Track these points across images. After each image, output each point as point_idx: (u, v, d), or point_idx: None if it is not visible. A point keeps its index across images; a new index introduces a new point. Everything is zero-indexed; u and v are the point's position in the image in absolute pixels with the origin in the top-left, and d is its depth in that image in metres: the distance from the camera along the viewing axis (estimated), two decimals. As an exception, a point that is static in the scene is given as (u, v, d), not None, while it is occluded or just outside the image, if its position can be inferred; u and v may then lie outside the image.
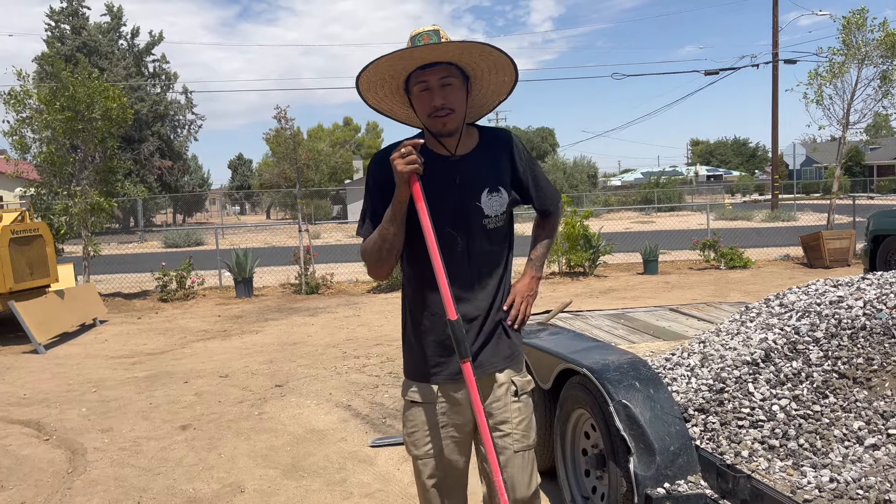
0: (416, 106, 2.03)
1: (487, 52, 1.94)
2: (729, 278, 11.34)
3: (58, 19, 37.77)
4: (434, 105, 1.95)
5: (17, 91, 11.61)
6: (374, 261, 2.04)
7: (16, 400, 5.79)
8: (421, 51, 1.89)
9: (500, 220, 2.09)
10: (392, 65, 1.93)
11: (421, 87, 1.97)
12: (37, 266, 8.84)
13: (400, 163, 1.89)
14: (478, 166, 2.07)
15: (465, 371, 1.94)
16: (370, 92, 2.05)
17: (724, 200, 35.02)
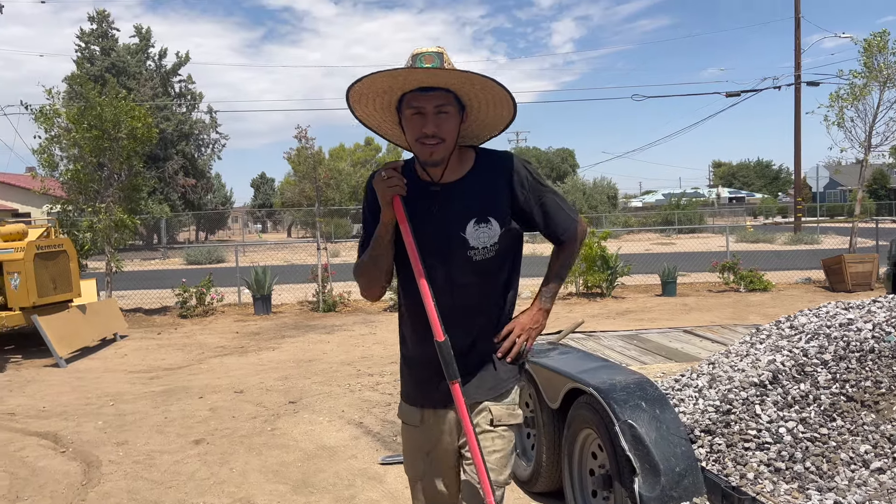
0: (406, 128, 1.94)
1: (489, 85, 1.85)
2: (748, 301, 11.23)
3: (88, 40, 38.62)
4: (424, 131, 1.87)
5: (47, 109, 11.90)
6: (364, 282, 2.03)
7: (35, 412, 5.88)
8: (422, 73, 1.82)
9: (491, 251, 1.96)
10: (389, 82, 1.86)
11: (414, 111, 1.89)
12: (60, 281, 9.00)
13: (381, 186, 1.87)
14: (466, 195, 1.96)
15: (454, 392, 1.88)
16: (360, 104, 1.96)
17: (745, 223, 34.71)
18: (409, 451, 2.13)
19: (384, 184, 1.87)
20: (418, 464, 2.10)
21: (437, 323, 1.88)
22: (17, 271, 8.35)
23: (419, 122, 1.88)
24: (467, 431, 1.89)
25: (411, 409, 2.09)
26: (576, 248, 2.15)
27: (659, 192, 70.13)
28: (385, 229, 1.92)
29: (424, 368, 2.02)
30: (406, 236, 1.90)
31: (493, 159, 2.02)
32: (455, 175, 1.97)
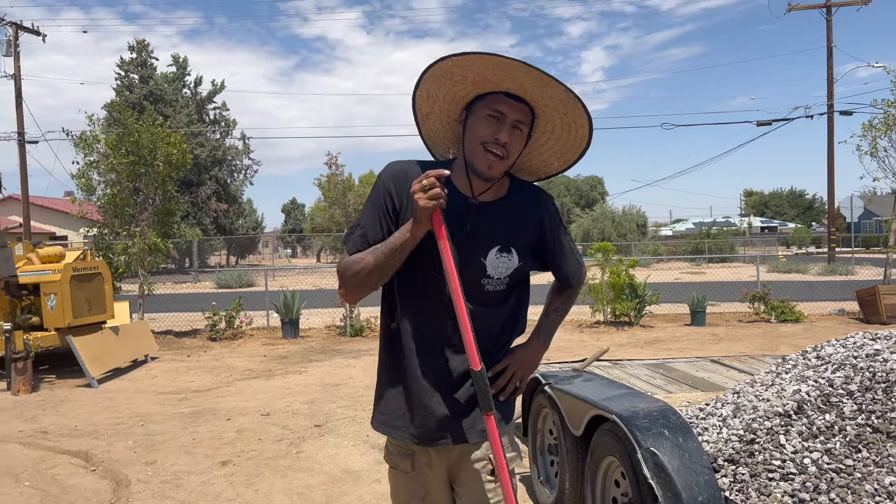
0: (471, 127, 1.77)
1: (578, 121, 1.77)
2: (779, 332, 11.06)
3: (127, 69, 39.80)
4: (497, 137, 1.72)
5: (88, 136, 12.28)
6: (357, 284, 1.79)
7: (67, 431, 6.00)
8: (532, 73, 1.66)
9: (503, 283, 1.86)
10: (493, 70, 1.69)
11: (490, 113, 1.74)
12: (95, 303, 9.20)
13: (422, 197, 1.64)
14: (496, 219, 1.84)
15: (489, 424, 1.74)
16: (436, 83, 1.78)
17: (777, 252, 34.21)
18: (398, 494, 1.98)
19: (426, 194, 1.64)
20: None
21: (475, 350, 1.72)
22: (53, 292, 8.57)
23: (493, 126, 1.73)
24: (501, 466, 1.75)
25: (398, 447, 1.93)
26: (576, 295, 2.12)
27: (689, 221, 69.58)
28: (413, 243, 1.73)
29: (421, 398, 1.84)
30: (446, 256, 1.70)
31: (528, 191, 1.92)
32: (491, 196, 1.84)
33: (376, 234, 1.81)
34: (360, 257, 1.78)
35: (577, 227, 44.29)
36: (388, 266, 1.76)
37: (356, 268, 1.78)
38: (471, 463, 1.88)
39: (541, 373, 4.04)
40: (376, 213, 1.83)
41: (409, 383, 1.85)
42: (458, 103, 1.83)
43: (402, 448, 1.93)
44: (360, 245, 1.81)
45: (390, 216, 1.82)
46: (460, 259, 1.77)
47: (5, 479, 4.70)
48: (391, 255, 1.74)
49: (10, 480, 4.68)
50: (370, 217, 1.83)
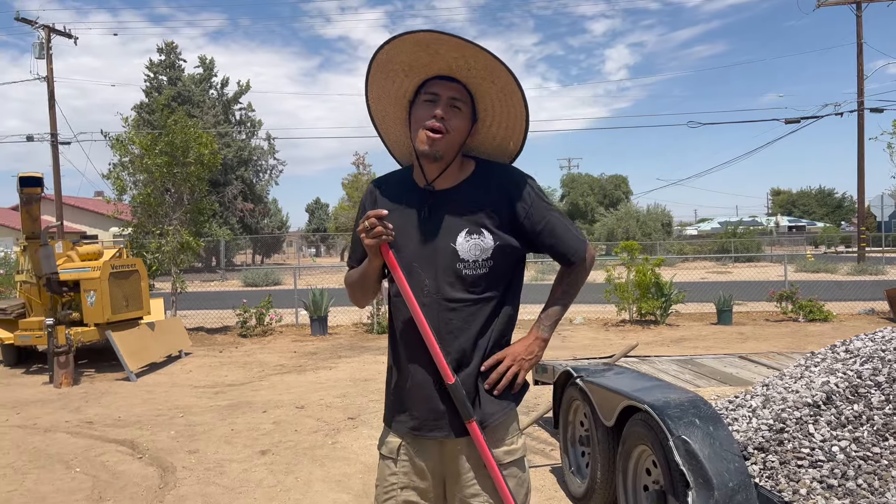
0: (414, 117, 1.86)
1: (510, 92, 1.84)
2: (807, 331, 11.02)
3: (156, 71, 40.45)
4: (434, 114, 1.80)
5: (123, 137, 12.60)
6: (353, 295, 2.06)
7: (111, 422, 6.23)
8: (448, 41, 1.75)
9: (483, 266, 1.83)
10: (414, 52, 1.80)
11: (426, 98, 1.84)
12: (132, 299, 9.47)
13: (365, 238, 1.78)
14: (459, 203, 1.86)
15: (473, 431, 1.81)
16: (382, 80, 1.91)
17: (805, 252, 33.85)
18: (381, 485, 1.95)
19: (368, 235, 1.77)
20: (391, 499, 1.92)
21: (446, 365, 1.80)
22: (93, 289, 8.84)
23: (430, 108, 1.81)
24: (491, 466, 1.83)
25: (390, 438, 1.95)
26: (585, 272, 1.99)
27: (715, 220, 68.94)
28: (374, 271, 1.90)
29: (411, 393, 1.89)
30: (402, 283, 1.82)
31: (492, 169, 1.93)
32: (451, 182, 1.88)
33: (359, 251, 1.98)
34: (350, 273, 2.04)
35: (602, 226, 44.12)
36: (363, 286, 1.98)
37: (347, 282, 2.05)
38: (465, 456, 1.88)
39: (571, 366, 4.16)
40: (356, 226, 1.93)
41: (411, 378, 1.88)
42: (402, 103, 1.93)
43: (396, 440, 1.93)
44: (351, 261, 2.06)
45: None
46: (432, 247, 1.83)
47: (57, 466, 4.92)
48: (361, 279, 1.96)
49: (62, 467, 4.90)
50: (354, 235, 1.95)
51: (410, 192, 1.90)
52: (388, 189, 1.96)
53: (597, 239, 42.65)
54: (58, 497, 4.30)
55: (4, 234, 26.69)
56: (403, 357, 1.90)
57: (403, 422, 1.91)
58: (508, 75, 1.79)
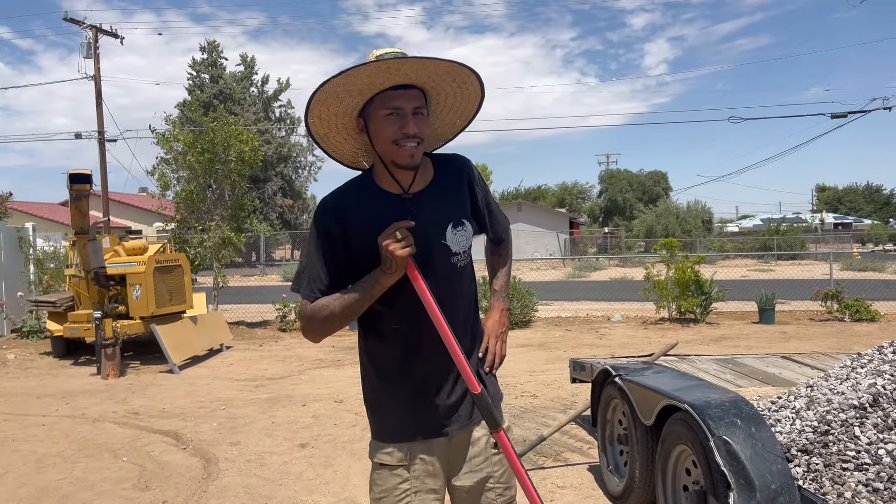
0: (376, 132, 1.80)
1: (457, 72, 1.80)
2: (853, 331, 10.76)
3: (199, 69, 41.18)
4: (406, 132, 1.76)
5: (168, 134, 12.88)
6: (324, 330, 1.86)
7: (156, 413, 6.39)
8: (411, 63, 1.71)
9: (467, 256, 1.93)
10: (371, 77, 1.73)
11: (388, 112, 1.77)
12: (176, 293, 9.68)
13: (396, 247, 1.71)
14: (438, 201, 1.88)
15: (501, 439, 1.85)
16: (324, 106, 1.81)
17: (852, 250, 32.99)
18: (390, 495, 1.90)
19: (400, 244, 1.71)
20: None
21: (472, 374, 1.81)
22: (138, 283, 9.07)
23: (397, 123, 1.77)
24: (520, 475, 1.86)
25: (395, 448, 1.91)
26: (511, 243, 2.17)
27: (757, 217, 67.60)
28: (382, 289, 1.79)
29: (421, 395, 1.89)
30: (425, 295, 1.79)
31: (450, 162, 1.97)
32: (423, 183, 1.89)
33: (328, 277, 1.83)
34: (324, 304, 1.81)
35: (640, 222, 43.62)
36: (355, 313, 1.82)
37: (322, 314, 1.81)
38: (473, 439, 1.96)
39: (610, 365, 4.14)
40: (322, 255, 1.84)
41: (416, 384, 1.88)
42: (351, 115, 1.85)
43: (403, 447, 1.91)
44: (314, 291, 1.84)
45: (339, 253, 1.84)
46: (425, 248, 1.82)
47: (105, 455, 5.08)
48: (359, 304, 1.80)
49: (110, 456, 5.05)
50: (316, 261, 1.84)
51: (382, 200, 1.85)
52: (353, 203, 1.86)
53: (635, 236, 42.20)
54: (105, 485, 4.43)
55: (54, 229, 27.55)
56: (406, 363, 1.88)
57: (412, 428, 1.90)
58: (470, 74, 1.81)
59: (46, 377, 8.53)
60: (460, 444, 1.95)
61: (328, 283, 1.83)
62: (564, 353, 9.06)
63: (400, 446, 1.90)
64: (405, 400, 1.89)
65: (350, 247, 1.83)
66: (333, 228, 1.82)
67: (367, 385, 1.98)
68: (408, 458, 1.89)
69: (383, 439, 1.92)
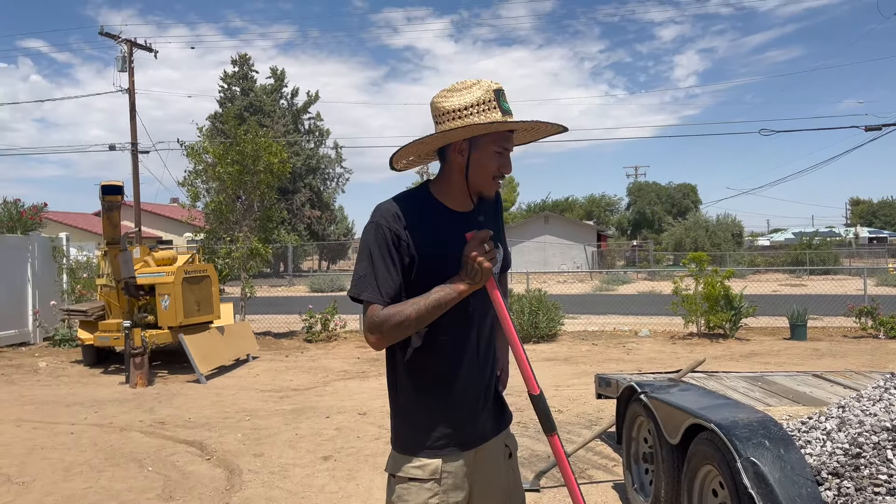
0: (480, 161, 1.90)
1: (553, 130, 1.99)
2: (888, 349, 10.50)
3: (230, 82, 41.85)
4: (504, 171, 1.92)
5: (197, 146, 13.07)
6: (396, 335, 1.84)
7: (182, 423, 6.45)
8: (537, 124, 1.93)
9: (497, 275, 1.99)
10: (500, 125, 1.87)
11: (498, 149, 1.89)
12: (203, 303, 9.79)
13: (484, 259, 1.79)
14: (485, 221, 1.99)
15: (554, 444, 1.90)
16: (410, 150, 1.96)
17: (887, 265, 32.28)
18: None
19: (486, 256, 1.81)
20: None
21: (533, 377, 1.90)
22: (167, 293, 9.19)
23: (499, 160, 1.91)
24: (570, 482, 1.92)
25: (427, 461, 1.91)
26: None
27: (789, 231, 66.55)
28: (460, 298, 1.83)
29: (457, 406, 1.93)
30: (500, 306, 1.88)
31: None
32: (471, 206, 1.99)
33: (396, 283, 1.86)
34: (397, 310, 1.81)
35: (669, 235, 43.15)
36: (430, 319, 1.83)
37: (394, 320, 1.81)
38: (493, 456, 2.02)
39: (636, 381, 4.08)
40: (390, 261, 1.86)
41: (456, 396, 1.92)
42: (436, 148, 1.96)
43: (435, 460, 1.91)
44: (385, 296, 1.84)
45: (403, 259, 1.87)
46: None
47: (131, 464, 5.13)
48: (435, 311, 1.82)
49: (135, 465, 5.10)
50: (383, 266, 1.85)
51: (440, 215, 1.93)
52: (415, 215, 1.90)
53: (664, 249, 41.76)
54: (130, 495, 4.47)
55: (88, 238, 28.09)
56: (449, 374, 1.92)
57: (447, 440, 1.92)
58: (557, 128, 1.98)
59: (76, 385, 8.66)
60: (485, 457, 1.99)
61: (397, 289, 1.85)
62: (590, 367, 8.97)
63: (432, 460, 1.89)
64: (442, 411, 1.92)
65: (411, 256, 1.87)
66: (401, 234, 1.86)
67: (400, 397, 1.97)
68: (438, 472, 1.89)
69: (414, 452, 1.91)
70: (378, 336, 1.84)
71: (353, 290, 1.87)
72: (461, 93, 1.87)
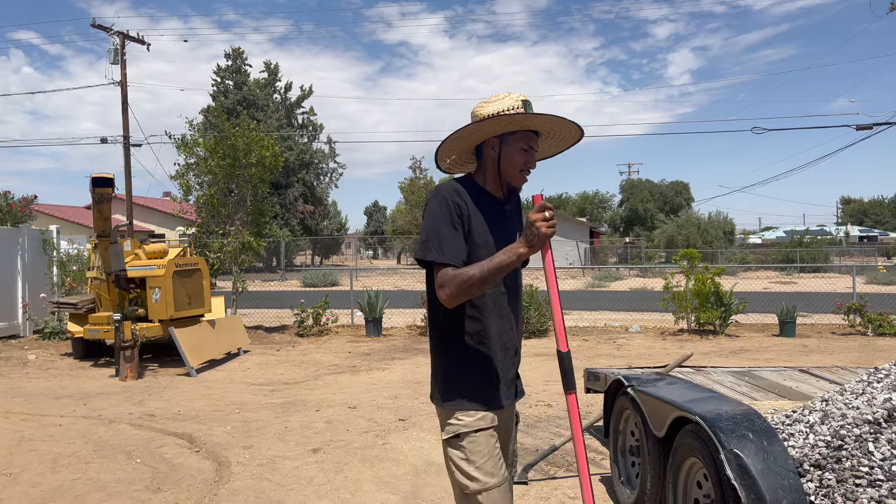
0: (510, 157, 2.26)
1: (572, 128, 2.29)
2: (876, 346, 10.58)
3: (223, 76, 41.65)
4: (530, 166, 2.28)
5: (188, 139, 13.02)
6: (464, 293, 2.09)
7: (171, 415, 6.44)
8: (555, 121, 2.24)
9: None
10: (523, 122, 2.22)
11: (524, 146, 2.25)
12: (194, 297, 9.77)
13: (544, 225, 2.01)
14: (517, 213, 2.41)
15: (571, 403, 2.13)
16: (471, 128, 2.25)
17: (877, 263, 32.46)
18: (493, 457, 2.20)
19: (548, 223, 2.02)
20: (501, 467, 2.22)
21: (564, 334, 2.14)
22: (158, 286, 9.17)
23: (525, 156, 2.26)
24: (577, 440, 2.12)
25: (486, 412, 2.22)
26: None
27: (780, 229, 66.79)
28: (520, 261, 2.07)
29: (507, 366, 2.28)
30: (550, 267, 2.13)
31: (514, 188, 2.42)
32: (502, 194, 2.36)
33: (460, 245, 2.15)
34: (464, 270, 2.09)
35: (661, 233, 43.28)
36: (493, 280, 2.10)
37: (462, 278, 2.08)
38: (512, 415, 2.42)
39: (623, 375, 4.10)
40: (455, 228, 2.16)
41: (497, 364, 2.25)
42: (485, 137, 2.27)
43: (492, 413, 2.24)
44: (456, 258, 2.12)
45: (464, 226, 2.18)
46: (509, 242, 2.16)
47: (119, 456, 5.12)
48: (498, 273, 2.07)
49: (124, 457, 5.10)
50: (451, 232, 2.15)
51: (485, 198, 2.28)
52: (469, 194, 2.23)
53: (656, 246, 41.87)
54: (118, 486, 4.47)
55: (79, 231, 27.94)
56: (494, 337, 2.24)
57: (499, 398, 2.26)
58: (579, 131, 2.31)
59: (66, 378, 8.64)
60: (509, 415, 2.37)
61: (461, 250, 2.15)
62: (581, 362, 9.00)
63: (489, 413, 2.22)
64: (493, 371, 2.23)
65: (468, 225, 2.19)
66: (463, 208, 2.18)
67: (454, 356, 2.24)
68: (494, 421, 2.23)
69: (475, 407, 2.20)
70: (447, 293, 2.10)
71: (419, 252, 2.17)
72: (495, 102, 2.23)
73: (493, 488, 2.17)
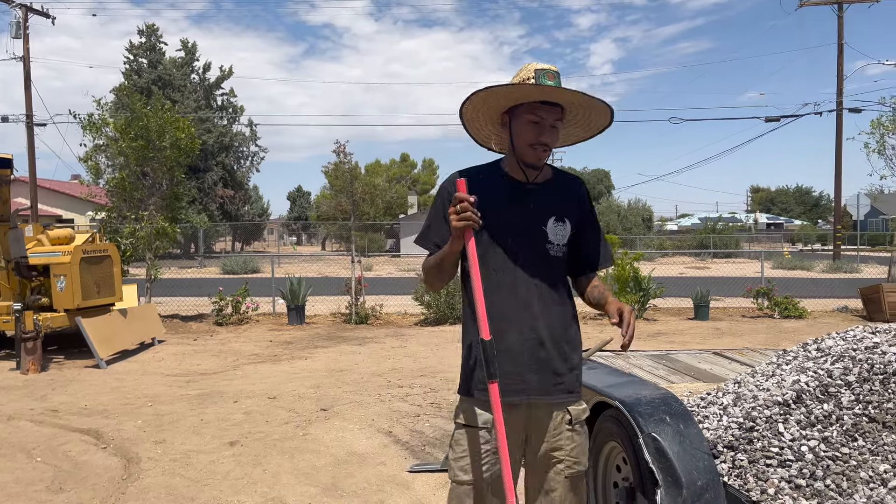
0: (518, 132, 2.14)
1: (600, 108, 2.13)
2: (782, 327, 11.11)
3: (136, 53, 39.84)
4: (541, 140, 2.12)
5: (96, 119, 12.35)
6: (430, 279, 2.22)
7: (77, 410, 6.10)
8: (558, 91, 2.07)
9: (562, 250, 2.21)
10: (523, 93, 2.08)
11: (533, 119, 2.10)
12: (104, 285, 9.30)
13: (454, 218, 1.96)
14: (549, 196, 2.23)
15: (493, 391, 1.99)
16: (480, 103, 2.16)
17: (783, 249, 34.17)
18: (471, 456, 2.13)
19: (458, 216, 1.96)
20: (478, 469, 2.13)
21: (486, 321, 2.02)
22: (63, 274, 8.67)
23: (536, 131, 2.12)
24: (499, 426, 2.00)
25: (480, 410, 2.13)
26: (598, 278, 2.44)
27: (695, 216, 69.45)
28: (452, 256, 2.09)
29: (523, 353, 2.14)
30: (474, 269, 2.01)
31: (568, 177, 2.35)
32: (541, 180, 2.24)
33: (439, 235, 2.16)
34: (430, 258, 2.18)
35: (583, 219, 44.26)
36: (441, 270, 2.15)
37: (425, 266, 2.22)
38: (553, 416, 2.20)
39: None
40: (438, 217, 2.19)
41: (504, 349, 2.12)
42: (500, 110, 2.19)
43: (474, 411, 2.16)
44: (429, 244, 2.20)
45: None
46: (529, 229, 2.17)
47: (18, 455, 4.81)
48: (439, 263, 2.13)
49: (23, 456, 4.79)
50: (436, 220, 2.19)
51: (501, 181, 2.20)
52: (475, 179, 2.11)
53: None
54: (16, 487, 4.19)
55: (-23, 216, 26.38)
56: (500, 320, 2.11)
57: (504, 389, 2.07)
58: (605, 109, 2.13)
59: (-39, 372, 8.08)
60: (538, 417, 2.19)
61: (436, 240, 2.17)
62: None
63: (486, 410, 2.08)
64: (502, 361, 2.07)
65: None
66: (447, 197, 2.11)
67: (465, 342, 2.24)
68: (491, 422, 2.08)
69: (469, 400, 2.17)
70: (424, 278, 2.26)
71: (417, 239, 2.27)
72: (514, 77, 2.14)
73: (462, 485, 2.14)
